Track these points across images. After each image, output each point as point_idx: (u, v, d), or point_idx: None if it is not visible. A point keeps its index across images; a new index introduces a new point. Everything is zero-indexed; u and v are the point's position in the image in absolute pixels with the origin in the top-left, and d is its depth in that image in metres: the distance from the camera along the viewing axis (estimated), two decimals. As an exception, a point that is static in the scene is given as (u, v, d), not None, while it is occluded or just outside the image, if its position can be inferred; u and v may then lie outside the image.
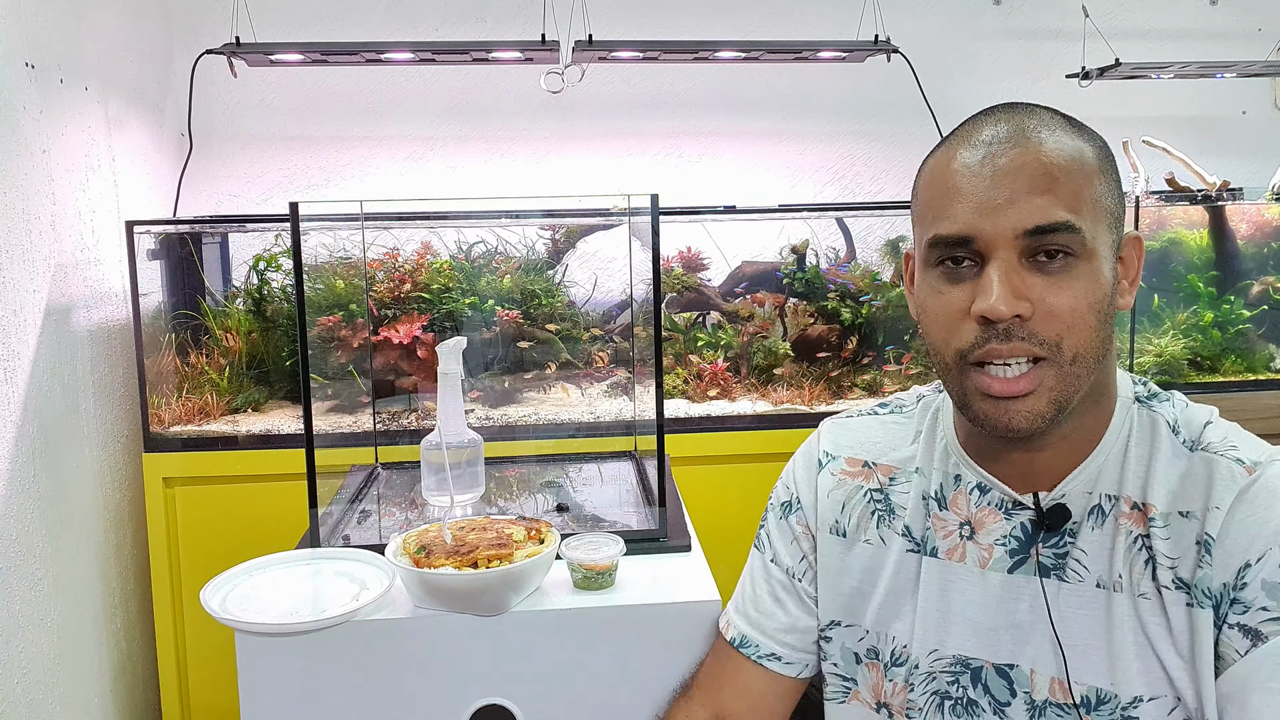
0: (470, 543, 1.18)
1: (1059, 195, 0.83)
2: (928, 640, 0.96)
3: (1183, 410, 0.92)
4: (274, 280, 2.18)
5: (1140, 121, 2.68)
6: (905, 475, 1.02)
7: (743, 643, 1.08)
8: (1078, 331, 0.83)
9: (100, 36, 2.03)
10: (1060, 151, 0.84)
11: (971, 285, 0.85)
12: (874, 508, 1.02)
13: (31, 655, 1.60)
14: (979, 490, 0.96)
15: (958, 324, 0.86)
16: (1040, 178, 0.83)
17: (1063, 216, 0.82)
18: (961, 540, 0.96)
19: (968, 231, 0.84)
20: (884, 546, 1.01)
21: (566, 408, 2.12)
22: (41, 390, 1.69)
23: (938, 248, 0.87)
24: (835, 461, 1.07)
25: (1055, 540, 0.91)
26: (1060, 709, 0.89)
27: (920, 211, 0.91)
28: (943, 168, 0.88)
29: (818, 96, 2.73)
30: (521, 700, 1.18)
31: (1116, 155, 0.92)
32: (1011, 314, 0.82)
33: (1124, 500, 0.89)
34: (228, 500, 1.99)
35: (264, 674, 1.15)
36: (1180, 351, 2.35)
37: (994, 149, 0.85)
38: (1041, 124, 0.87)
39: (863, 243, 2.52)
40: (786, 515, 1.09)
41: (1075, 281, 0.83)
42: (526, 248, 2.24)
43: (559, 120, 2.65)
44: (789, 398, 2.20)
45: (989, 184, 0.84)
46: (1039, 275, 0.83)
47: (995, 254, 0.83)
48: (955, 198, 0.85)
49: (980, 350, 0.84)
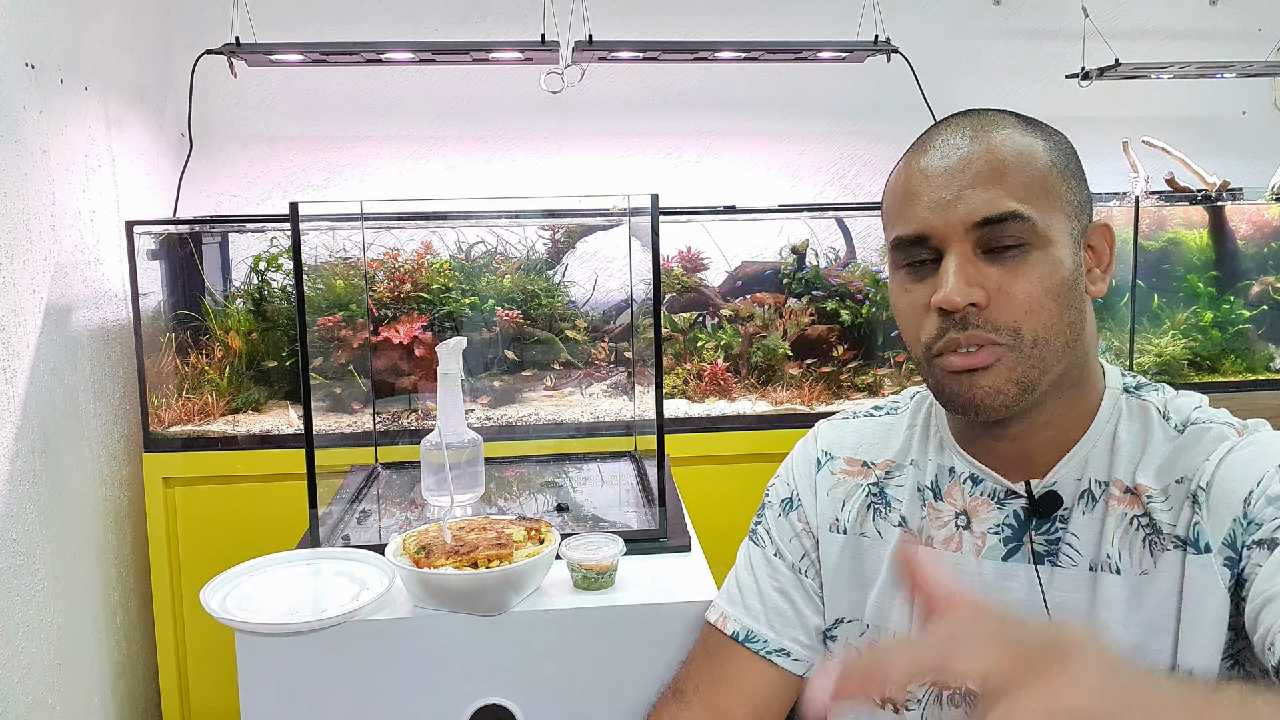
0: (470, 543, 1.18)
1: (1006, 186, 0.86)
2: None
3: (1172, 398, 0.94)
4: (274, 280, 2.18)
5: (1140, 121, 2.68)
6: (900, 468, 1.03)
7: (748, 638, 1.05)
8: (1036, 316, 0.85)
9: (100, 36, 2.03)
10: (1007, 146, 0.87)
11: (933, 280, 0.88)
12: (870, 501, 1.03)
13: (31, 655, 1.60)
14: (972, 481, 0.97)
15: (922, 318, 0.89)
16: (987, 172, 0.86)
17: (1010, 206, 0.85)
18: (957, 530, 0.97)
19: (922, 229, 0.88)
20: (881, 539, 1.02)
21: (566, 407, 2.12)
22: (41, 390, 1.69)
23: (899, 249, 0.91)
24: (834, 461, 1.08)
25: (1047, 527, 0.92)
26: None
27: (885, 218, 0.95)
28: (901, 174, 0.92)
29: (818, 96, 2.73)
30: (521, 700, 1.18)
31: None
32: (965, 303, 0.85)
33: (1114, 485, 0.90)
34: (228, 500, 1.99)
35: (264, 674, 1.15)
36: (1180, 351, 2.35)
37: (945, 150, 0.89)
38: (992, 124, 0.90)
39: (863, 243, 2.52)
40: (787, 512, 1.09)
41: (1031, 268, 0.86)
42: (526, 248, 2.24)
43: (559, 120, 2.65)
44: (789, 398, 2.20)
45: (940, 183, 0.87)
46: (994, 265, 0.86)
47: (950, 248, 0.87)
48: (911, 200, 0.89)
49: (941, 341, 0.87)
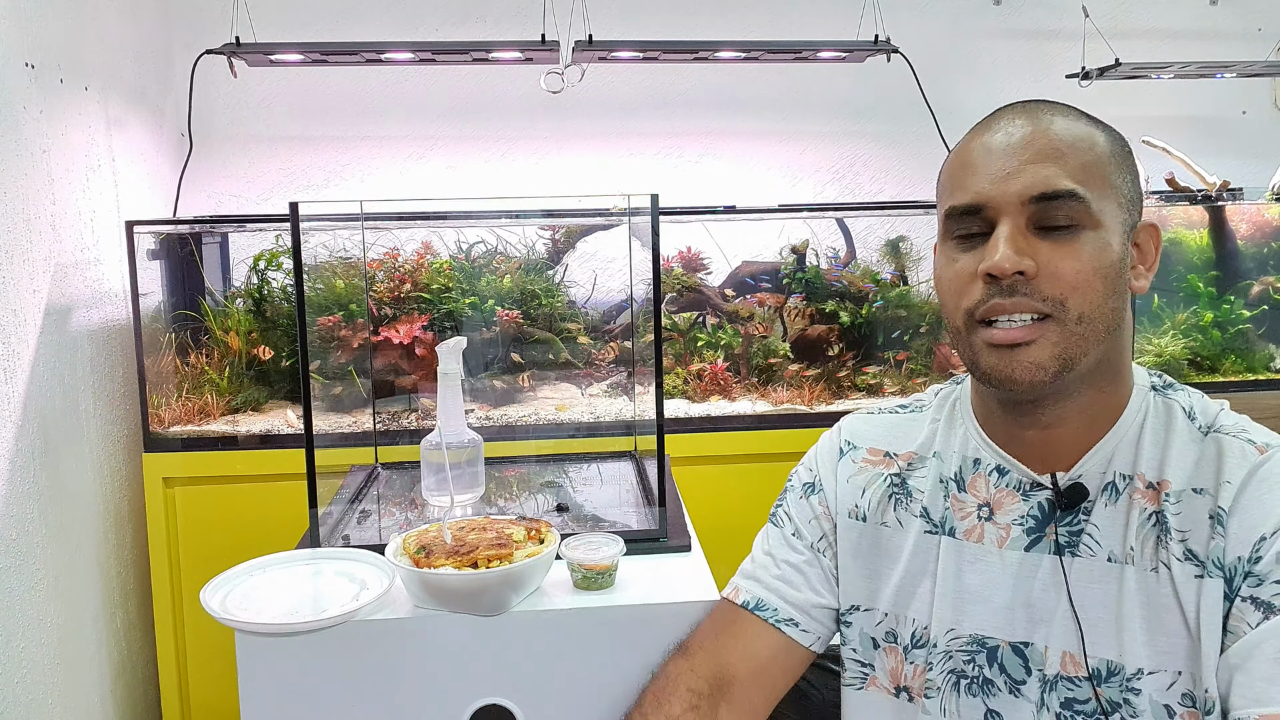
0: (470, 543, 1.18)
1: (1065, 166, 0.87)
2: (945, 619, 0.97)
3: (1198, 399, 0.95)
4: (274, 280, 2.18)
5: (1140, 121, 2.68)
6: (923, 461, 1.04)
7: (759, 606, 1.07)
8: (1083, 293, 0.86)
9: (100, 36, 2.03)
10: (1070, 130, 0.89)
11: (982, 250, 0.89)
12: (892, 492, 1.05)
13: (31, 655, 1.60)
14: (998, 472, 0.98)
15: (967, 286, 0.90)
16: (1048, 150, 0.88)
17: (1067, 185, 0.86)
18: (980, 521, 0.97)
19: (977, 200, 0.89)
20: (901, 529, 1.03)
21: (567, 407, 2.12)
22: (41, 390, 1.69)
23: (952, 219, 0.92)
24: (856, 451, 1.09)
25: (1070, 518, 0.93)
26: (1071, 682, 0.91)
27: (940, 192, 0.96)
28: (962, 151, 0.94)
29: (818, 96, 2.73)
30: (521, 700, 1.18)
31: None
32: (1014, 270, 0.86)
33: (1138, 479, 0.91)
34: (228, 500, 1.99)
35: (264, 674, 1.15)
36: (1180, 351, 2.35)
37: (1009, 129, 0.90)
38: (1056, 111, 0.92)
39: (863, 243, 2.52)
40: (808, 495, 1.10)
41: (1081, 247, 0.87)
42: (526, 248, 2.23)
43: (559, 120, 2.65)
44: (789, 398, 2.20)
45: (1000, 157, 0.89)
46: (1046, 241, 0.87)
47: (1003, 219, 0.88)
48: (969, 172, 0.91)
49: (985, 306, 0.88)
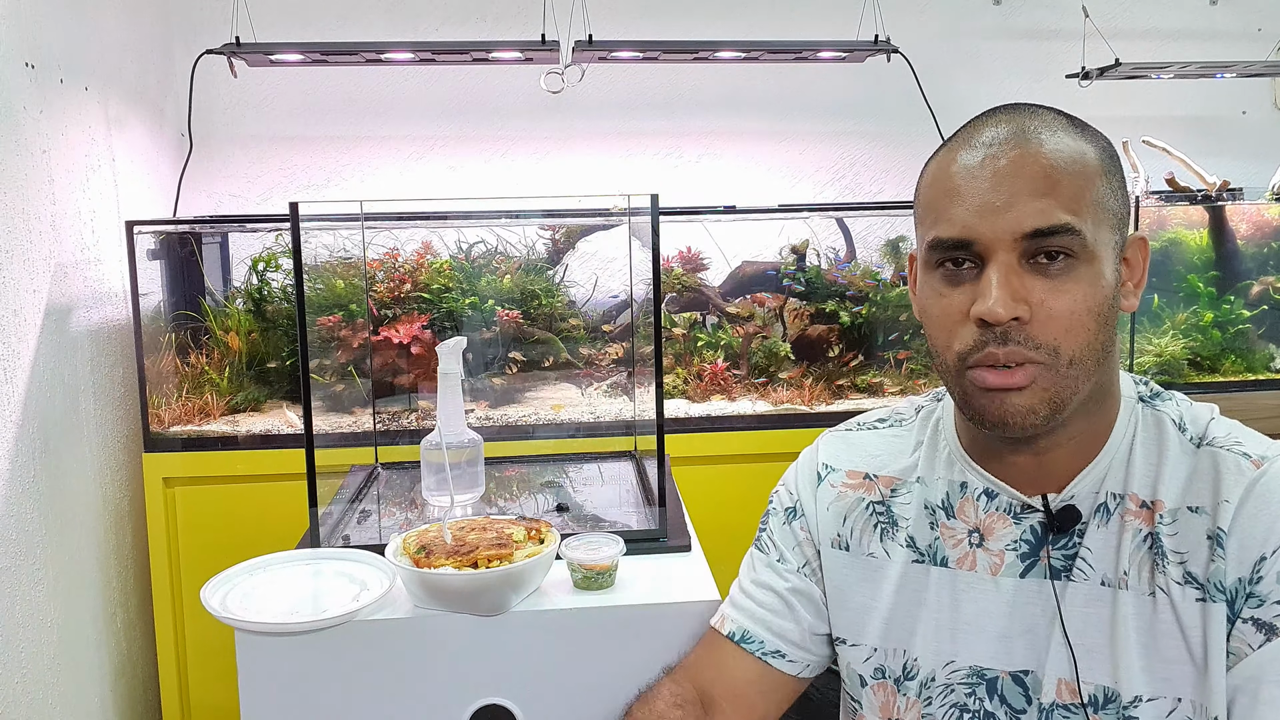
0: (470, 543, 1.18)
1: (1059, 197, 0.82)
2: (942, 652, 0.94)
3: (1187, 408, 0.92)
4: (274, 280, 2.18)
5: (1140, 121, 2.69)
6: (907, 486, 1.00)
7: (744, 638, 1.04)
8: (1076, 335, 0.82)
9: (100, 36, 2.03)
10: (1060, 153, 0.83)
11: (971, 288, 0.84)
12: (876, 520, 1.01)
13: (31, 655, 1.60)
14: (986, 495, 0.94)
15: (958, 327, 0.85)
16: (1040, 180, 0.82)
17: (1063, 219, 0.81)
18: (971, 548, 0.94)
19: (967, 235, 0.84)
20: (887, 559, 0.99)
21: (567, 407, 2.12)
22: (41, 390, 1.69)
23: (938, 250, 0.86)
24: (835, 474, 1.05)
25: (1064, 541, 0.90)
26: (1067, 710, 0.88)
27: (921, 213, 0.90)
28: (943, 169, 0.87)
29: (818, 96, 2.73)
30: (521, 700, 1.18)
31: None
32: (1009, 317, 0.81)
33: (1130, 498, 0.88)
34: (228, 500, 1.99)
35: (264, 674, 1.15)
36: (1180, 351, 2.35)
37: (994, 150, 0.84)
38: (1043, 125, 0.85)
39: (863, 243, 2.51)
40: (790, 521, 1.07)
41: (1076, 284, 0.82)
42: (526, 248, 2.24)
43: (559, 120, 2.65)
44: (789, 398, 2.20)
45: (988, 186, 0.83)
46: (1039, 277, 0.83)
47: (994, 256, 0.83)
48: (955, 200, 0.85)
49: (979, 354, 0.84)
